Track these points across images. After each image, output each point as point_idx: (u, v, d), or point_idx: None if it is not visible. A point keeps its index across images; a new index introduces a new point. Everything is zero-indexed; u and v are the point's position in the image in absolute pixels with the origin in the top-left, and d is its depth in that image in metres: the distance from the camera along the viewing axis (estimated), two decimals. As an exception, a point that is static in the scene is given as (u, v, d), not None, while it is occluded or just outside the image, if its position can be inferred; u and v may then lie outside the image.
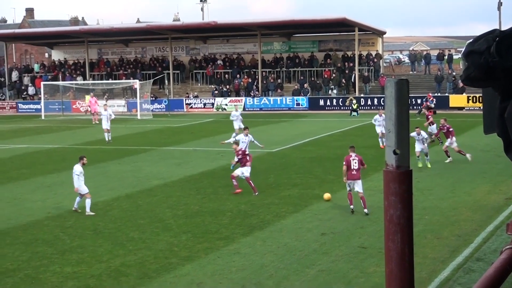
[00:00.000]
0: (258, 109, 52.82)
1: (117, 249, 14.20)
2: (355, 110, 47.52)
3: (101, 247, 14.38)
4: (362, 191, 17.08)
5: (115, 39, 63.65)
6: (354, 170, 16.99)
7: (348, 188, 17.26)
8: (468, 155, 23.94)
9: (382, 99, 48.57)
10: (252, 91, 55.03)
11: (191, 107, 54.68)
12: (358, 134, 34.73)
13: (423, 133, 23.84)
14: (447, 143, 25.06)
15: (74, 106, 56.89)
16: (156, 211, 17.86)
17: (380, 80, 52.34)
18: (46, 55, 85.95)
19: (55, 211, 17.98)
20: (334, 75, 54.07)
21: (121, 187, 21.53)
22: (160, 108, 54.74)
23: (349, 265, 12.73)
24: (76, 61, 64.54)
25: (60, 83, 58.32)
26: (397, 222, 2.53)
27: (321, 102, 51.44)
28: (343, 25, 52.92)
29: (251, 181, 19.59)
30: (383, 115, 28.08)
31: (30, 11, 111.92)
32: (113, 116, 35.65)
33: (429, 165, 23.56)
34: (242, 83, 56.14)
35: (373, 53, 55.52)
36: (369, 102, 49.94)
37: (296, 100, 52.33)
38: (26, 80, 63.74)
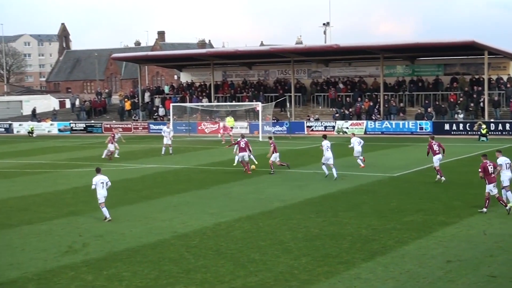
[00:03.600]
0: (380, 132, 52.08)
1: (238, 270, 14.41)
2: (484, 135, 45.61)
3: (223, 268, 14.65)
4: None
5: (239, 62, 65.37)
6: (493, 174, 19.50)
7: (494, 192, 19.39)
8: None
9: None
10: (374, 115, 54.39)
11: (312, 130, 54.85)
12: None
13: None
14: (272, 158, 29.76)
15: (199, 128, 58.76)
16: (276, 233, 17.98)
17: (515, 105, 49.98)
18: (175, 77, 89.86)
19: (181, 231, 18.55)
20: (461, 99, 52.33)
21: (243, 208, 21.88)
22: (281, 131, 55.35)
23: (476, 296, 12.17)
24: (202, 83, 66.81)
25: (187, 104, 60.56)
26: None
27: (447, 127, 49.88)
28: (471, 49, 51.23)
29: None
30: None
31: (161, 34, 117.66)
32: (172, 133, 41.47)
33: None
34: (363, 106, 55.64)
35: (504, 77, 53.23)
36: (500, 127, 47.91)
37: (420, 124, 51.08)
38: (157, 101, 66.67)
